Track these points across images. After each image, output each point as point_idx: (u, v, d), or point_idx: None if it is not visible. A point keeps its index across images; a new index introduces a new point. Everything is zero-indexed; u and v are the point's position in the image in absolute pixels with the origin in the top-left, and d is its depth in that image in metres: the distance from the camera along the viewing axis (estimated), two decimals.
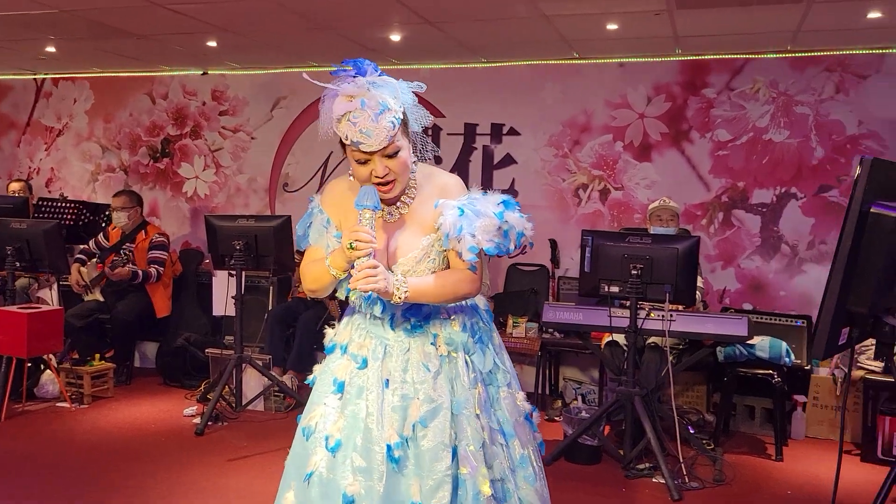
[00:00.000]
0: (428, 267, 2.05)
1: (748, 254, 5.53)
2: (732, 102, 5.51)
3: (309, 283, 2.13)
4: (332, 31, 5.10)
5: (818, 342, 1.55)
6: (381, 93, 1.89)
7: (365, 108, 1.86)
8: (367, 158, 1.92)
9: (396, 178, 1.96)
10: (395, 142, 1.91)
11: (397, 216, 2.08)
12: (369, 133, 1.87)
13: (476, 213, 2.01)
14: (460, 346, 2.08)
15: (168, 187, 6.89)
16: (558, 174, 5.87)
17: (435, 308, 2.09)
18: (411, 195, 2.08)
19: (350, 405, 2.03)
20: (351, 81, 1.90)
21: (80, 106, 7.14)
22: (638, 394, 3.95)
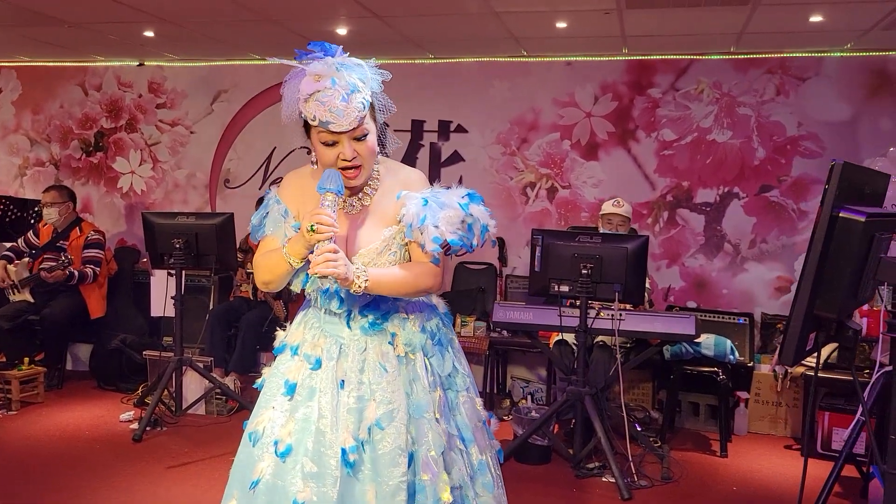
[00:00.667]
0: (389, 260, 1.98)
1: (692, 252, 5.60)
2: (677, 103, 5.58)
3: (263, 274, 2.02)
4: (276, 23, 4.95)
5: (788, 348, 1.53)
6: (350, 73, 1.85)
7: (335, 87, 1.81)
8: (335, 140, 1.86)
9: (363, 163, 1.90)
10: (364, 124, 1.86)
11: (359, 207, 2.01)
12: (339, 113, 1.81)
13: (440, 204, 1.94)
14: (419, 348, 2.01)
15: (102, 182, 6.62)
16: (506, 172, 5.85)
17: (393, 306, 2.02)
18: (374, 186, 2.01)
19: (301, 408, 1.94)
20: (320, 61, 1.84)
21: (6, 96, 6.79)
22: (588, 393, 3.95)
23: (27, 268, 5.45)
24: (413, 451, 1.93)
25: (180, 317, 4.66)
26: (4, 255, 5.52)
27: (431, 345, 2.06)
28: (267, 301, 5.40)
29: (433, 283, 1.99)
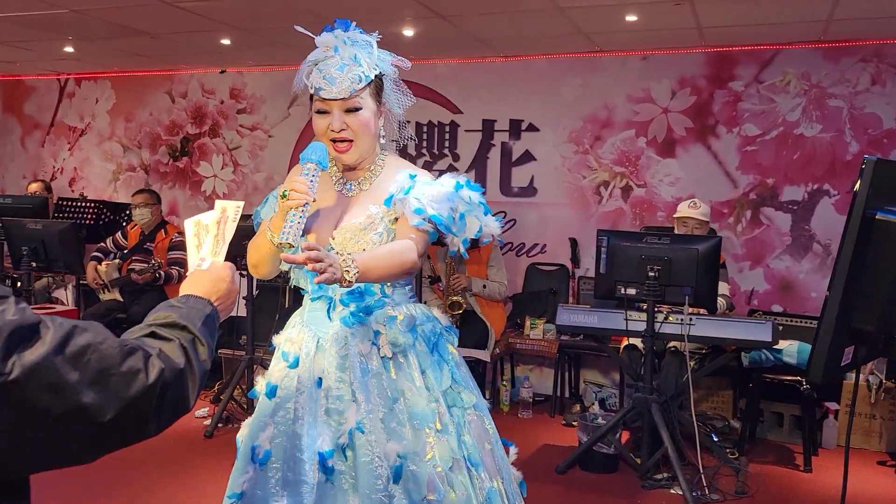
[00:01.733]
0: (372, 239, 1.87)
1: (778, 253, 5.30)
2: (761, 95, 5.29)
3: (250, 256, 1.94)
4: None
5: (815, 364, 1.38)
6: (357, 49, 1.84)
7: (335, 56, 1.82)
8: (326, 109, 1.84)
9: (354, 138, 1.85)
10: (357, 97, 1.82)
11: (356, 191, 1.95)
12: (332, 80, 1.80)
13: (428, 182, 1.90)
14: (408, 350, 1.87)
15: (187, 186, 6.88)
16: (578, 171, 5.70)
17: (379, 300, 1.90)
18: (375, 173, 1.96)
19: (281, 410, 1.84)
20: (328, 33, 1.86)
21: (102, 105, 7.16)
22: (655, 400, 3.79)
23: (117, 268, 5.71)
24: (401, 464, 1.76)
25: (252, 316, 4.77)
26: (94, 256, 5.81)
27: (426, 353, 1.91)
28: None
29: (415, 260, 1.82)
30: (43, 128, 7.41)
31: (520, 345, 5.28)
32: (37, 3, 4.62)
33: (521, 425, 4.93)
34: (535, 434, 4.72)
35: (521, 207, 5.82)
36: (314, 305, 1.93)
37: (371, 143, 1.90)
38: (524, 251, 5.82)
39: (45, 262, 5.08)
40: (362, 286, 1.86)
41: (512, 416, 5.11)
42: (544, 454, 4.35)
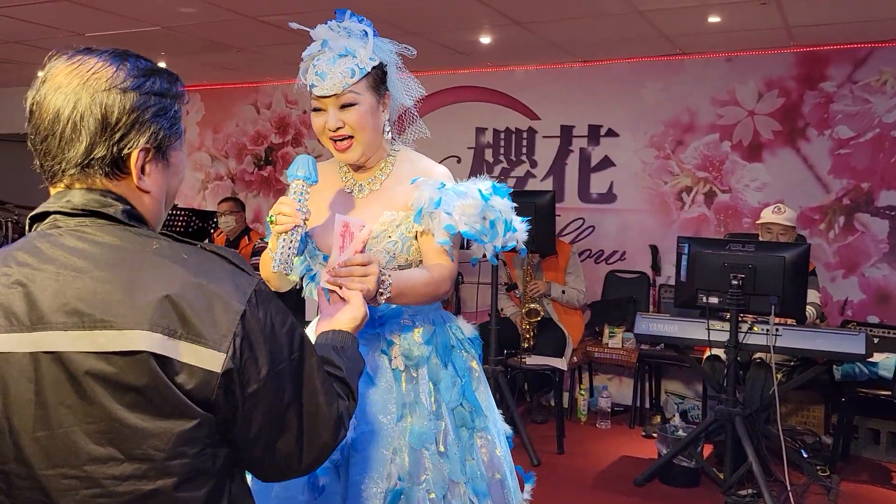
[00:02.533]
0: (385, 247, 1.75)
1: (874, 262, 5.03)
2: (855, 96, 5.04)
3: (263, 270, 1.84)
4: (421, 36, 5.05)
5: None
6: (349, 40, 1.71)
7: (325, 49, 1.70)
8: (321, 107, 1.72)
9: (354, 134, 1.72)
10: (350, 92, 1.68)
11: (367, 192, 1.81)
12: (323, 75, 1.68)
13: (458, 192, 1.72)
14: (422, 363, 1.75)
15: (271, 194, 7.08)
16: (660, 176, 5.57)
17: (396, 309, 1.76)
18: (386, 171, 1.82)
19: None
20: (323, 26, 1.74)
21: (192, 117, 7.46)
22: (739, 413, 3.65)
23: None
24: (402, 487, 1.65)
25: None
26: None
27: (439, 366, 1.77)
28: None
29: (450, 285, 1.75)
30: None
31: (598, 353, 5.19)
32: (131, 21, 4.86)
33: (599, 435, 4.85)
34: (614, 445, 4.63)
35: (600, 214, 5.73)
36: None
37: (374, 138, 1.75)
38: (603, 258, 5.72)
39: None
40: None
41: (590, 426, 5.02)
42: (622, 465, 4.26)
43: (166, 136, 1.11)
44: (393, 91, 1.80)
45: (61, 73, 1.09)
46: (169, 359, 0.97)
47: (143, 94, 1.09)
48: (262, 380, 1.03)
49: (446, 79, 6.09)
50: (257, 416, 1.04)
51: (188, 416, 0.99)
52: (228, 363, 0.99)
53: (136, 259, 1.03)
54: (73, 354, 0.97)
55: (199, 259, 1.06)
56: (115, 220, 1.07)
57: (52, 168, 1.09)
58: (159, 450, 0.98)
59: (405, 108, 1.88)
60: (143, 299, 0.98)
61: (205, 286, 1.01)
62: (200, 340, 0.98)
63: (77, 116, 1.05)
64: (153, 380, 0.97)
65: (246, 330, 1.01)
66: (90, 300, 0.99)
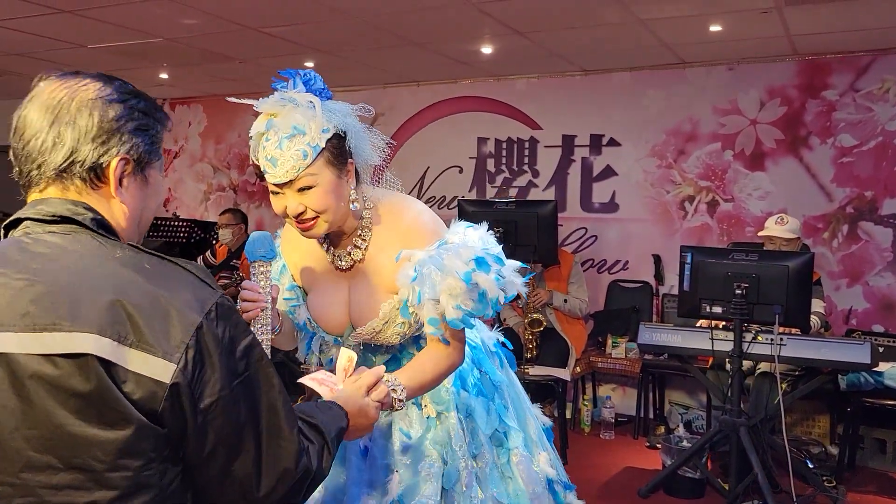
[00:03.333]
0: (396, 331, 1.70)
1: (878, 270, 5.01)
2: (858, 104, 5.03)
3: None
4: (423, 46, 5.06)
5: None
6: (296, 114, 1.55)
7: (271, 130, 1.55)
8: (278, 191, 1.59)
9: (318, 214, 1.60)
10: (305, 175, 1.55)
11: (349, 262, 1.73)
12: (274, 161, 1.54)
13: (441, 268, 1.59)
14: (452, 407, 1.73)
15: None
16: (662, 186, 5.56)
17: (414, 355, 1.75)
18: (364, 237, 1.71)
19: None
20: (271, 96, 1.59)
21: (195, 128, 7.48)
22: (744, 423, 3.62)
23: None
24: None
25: None
26: None
27: (469, 397, 1.76)
28: None
29: (459, 359, 1.68)
30: None
31: (601, 364, 5.17)
32: (134, 32, 4.88)
33: (602, 446, 4.82)
34: (618, 455, 4.59)
35: (603, 223, 5.72)
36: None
37: (340, 212, 1.63)
38: (606, 268, 5.70)
39: None
40: (397, 347, 1.75)
41: (594, 437, 4.99)
42: (627, 476, 4.23)
43: (146, 153, 1.13)
44: (356, 156, 1.67)
45: (49, 89, 1.11)
46: (116, 365, 0.96)
47: (127, 107, 1.12)
48: (217, 395, 1.00)
49: (448, 89, 6.10)
50: (211, 434, 1.01)
51: (131, 425, 0.96)
52: (178, 375, 0.97)
53: (97, 266, 1.02)
54: (21, 356, 0.96)
55: (162, 270, 1.05)
56: (83, 228, 1.07)
57: (30, 172, 1.10)
58: (100, 460, 0.96)
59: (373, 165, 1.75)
60: (95, 303, 0.97)
61: (161, 295, 1.00)
62: (150, 349, 0.97)
63: (62, 121, 1.08)
64: (98, 385, 0.95)
65: (200, 343, 0.99)
66: (43, 303, 0.98)
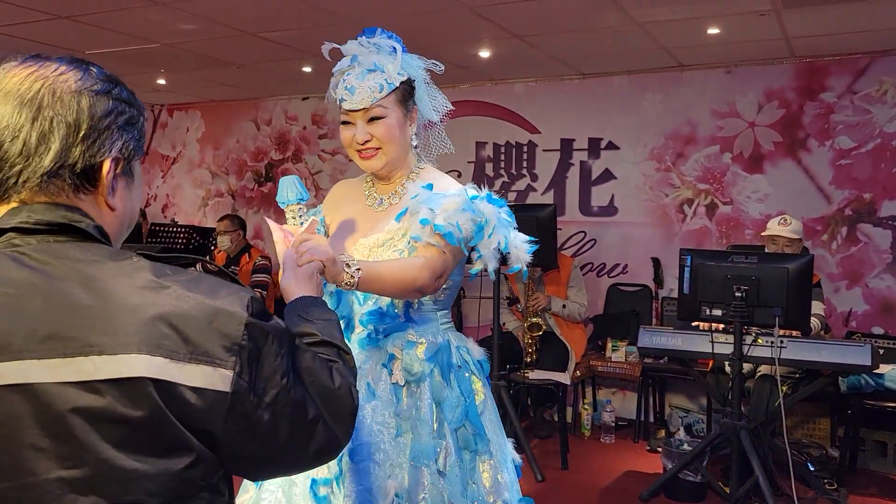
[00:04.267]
0: (391, 256, 1.75)
1: (878, 272, 5.01)
2: (856, 107, 5.04)
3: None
4: (421, 50, 5.04)
5: None
6: (378, 56, 1.76)
7: (354, 65, 1.75)
8: (350, 120, 1.77)
9: (381, 146, 1.76)
10: (378, 106, 1.74)
11: (386, 206, 1.84)
12: (352, 90, 1.74)
13: (443, 194, 1.75)
14: (423, 379, 1.72)
15: (272, 210, 7.08)
16: (661, 189, 5.56)
17: (401, 324, 1.77)
18: (406, 187, 1.83)
19: None
20: (353, 41, 1.80)
21: (192, 134, 7.47)
22: (744, 427, 3.61)
23: None
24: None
25: None
26: None
27: (443, 384, 1.74)
28: None
29: (427, 277, 1.66)
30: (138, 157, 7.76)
31: (601, 367, 5.16)
32: (131, 38, 4.87)
33: (603, 450, 4.80)
34: (618, 459, 4.58)
35: (601, 227, 5.72)
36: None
37: (399, 151, 1.79)
38: (605, 271, 5.70)
39: None
40: (384, 306, 1.77)
41: (594, 441, 4.98)
42: (627, 480, 4.22)
43: (134, 149, 1.03)
44: (420, 106, 1.85)
45: (15, 78, 0.96)
46: (172, 384, 0.86)
47: (113, 99, 1.00)
48: (279, 384, 0.94)
49: (446, 93, 6.00)
50: (284, 423, 0.95)
51: (186, 452, 0.88)
52: (236, 381, 0.90)
53: (116, 276, 0.91)
54: (53, 386, 0.84)
55: (184, 274, 0.96)
56: (86, 237, 0.95)
57: (6, 181, 0.95)
58: (152, 494, 0.86)
59: (432, 124, 1.92)
60: (132, 319, 0.87)
61: (199, 300, 0.91)
62: (205, 359, 0.88)
63: (45, 120, 0.94)
64: (150, 411, 0.85)
65: (253, 340, 0.93)
66: (68, 324, 0.86)
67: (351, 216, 1.87)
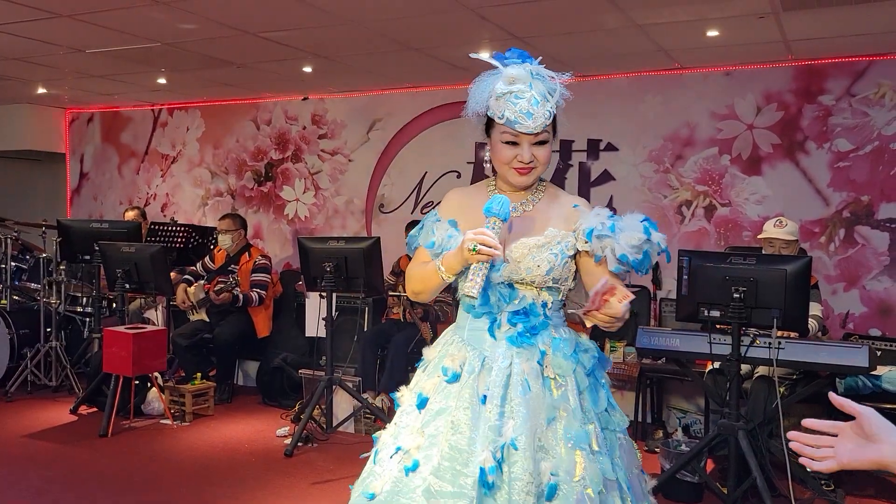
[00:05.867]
0: (546, 258, 1.94)
1: (875, 274, 5.03)
2: (854, 109, 5.06)
3: (414, 284, 2.07)
4: (421, 51, 5.07)
5: None
6: (544, 85, 1.94)
7: (530, 91, 1.91)
8: (516, 141, 1.93)
9: (537, 166, 1.96)
10: (545, 132, 1.94)
11: (521, 212, 2.03)
12: (528, 115, 1.89)
13: (621, 225, 1.95)
14: (569, 373, 1.92)
15: (271, 210, 7.09)
16: (659, 190, 5.58)
17: (543, 322, 1.97)
18: (538, 196, 2.04)
19: (433, 422, 1.89)
20: (518, 65, 1.95)
21: (192, 133, 7.48)
22: (742, 427, 3.62)
23: (203, 290, 5.92)
24: (556, 482, 1.80)
25: (331, 337, 4.85)
26: (185, 279, 6.03)
27: (584, 376, 1.95)
28: (414, 322, 5.49)
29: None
30: (138, 156, 7.79)
31: None
32: (132, 37, 4.88)
33: None
34: None
35: None
36: (476, 324, 1.99)
37: (544, 170, 2.02)
38: None
39: (138, 283, 5.31)
40: (527, 306, 1.96)
41: None
42: None
43: None
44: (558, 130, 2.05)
45: None
46: None
47: None
48: None
49: (446, 94, 6.10)
50: None
51: None
52: None
53: None
54: None
55: None
56: None
57: None
58: None
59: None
60: None
61: None
62: None
63: None
64: None
65: None
66: None
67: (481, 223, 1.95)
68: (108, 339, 4.88)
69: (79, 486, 3.92)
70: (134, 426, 5.00)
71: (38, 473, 4.09)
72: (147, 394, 5.25)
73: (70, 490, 3.86)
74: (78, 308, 6.19)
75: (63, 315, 6.06)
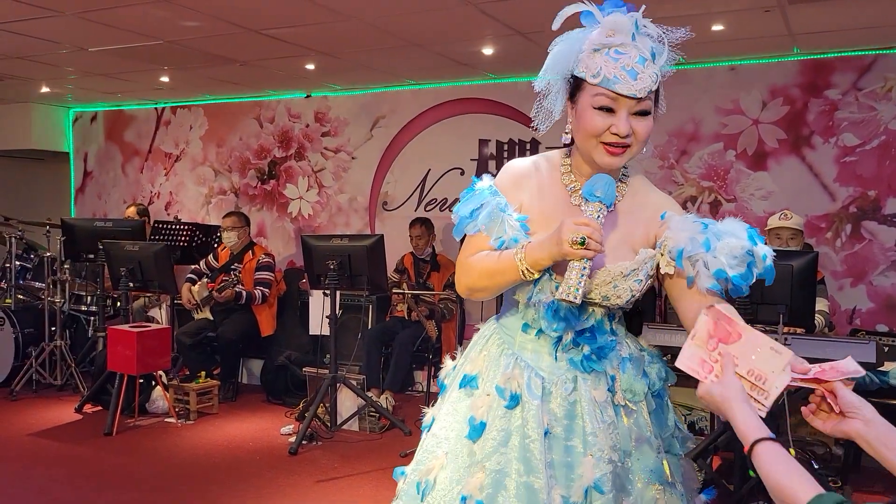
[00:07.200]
0: (631, 286, 1.58)
1: (882, 269, 5.00)
2: (860, 103, 5.02)
3: (476, 279, 1.64)
4: (425, 47, 5.05)
5: None
6: (651, 42, 1.53)
7: (634, 45, 1.50)
8: (612, 107, 1.51)
9: (633, 145, 1.54)
10: (649, 98, 1.52)
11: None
12: (632, 74, 1.48)
13: (717, 233, 1.52)
14: (642, 397, 1.65)
15: (274, 208, 7.08)
16: (664, 186, 5.54)
17: (611, 342, 1.64)
18: (621, 192, 1.64)
19: (495, 455, 1.58)
20: (618, 14, 1.53)
21: (196, 132, 7.47)
22: None
23: (206, 288, 5.91)
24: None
25: (335, 335, 4.84)
26: (188, 278, 6.03)
27: (650, 396, 1.67)
28: (420, 321, 5.48)
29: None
30: (142, 154, 7.78)
31: None
32: (135, 35, 4.87)
33: None
34: None
35: None
36: (525, 337, 1.67)
37: (639, 151, 1.59)
38: None
39: (141, 282, 5.31)
40: (594, 323, 1.63)
41: None
42: None
43: None
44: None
45: None
46: None
47: None
48: None
49: (450, 90, 6.09)
50: None
51: None
52: None
53: None
54: None
55: None
56: None
57: None
58: None
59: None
60: None
61: None
62: None
63: None
64: None
65: None
66: None
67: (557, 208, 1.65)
68: (113, 338, 4.88)
69: (83, 484, 3.92)
70: (138, 424, 5.00)
71: (43, 471, 4.10)
72: (151, 392, 5.25)
73: (75, 488, 3.87)
74: (82, 307, 6.21)
75: (67, 314, 6.07)
